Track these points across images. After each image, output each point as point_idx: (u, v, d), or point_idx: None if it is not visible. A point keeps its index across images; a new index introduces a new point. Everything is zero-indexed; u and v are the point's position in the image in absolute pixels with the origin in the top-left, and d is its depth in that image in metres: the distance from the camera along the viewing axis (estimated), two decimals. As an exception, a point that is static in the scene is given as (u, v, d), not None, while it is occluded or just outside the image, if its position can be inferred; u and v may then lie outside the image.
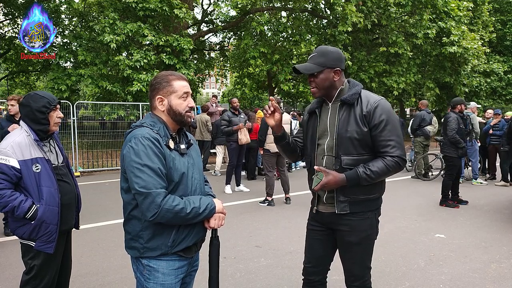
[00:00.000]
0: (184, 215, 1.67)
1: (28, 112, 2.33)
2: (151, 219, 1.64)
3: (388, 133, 1.98)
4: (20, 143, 2.27)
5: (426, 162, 9.19)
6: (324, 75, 2.04)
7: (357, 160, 2.00)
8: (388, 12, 13.36)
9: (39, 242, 2.29)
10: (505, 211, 6.07)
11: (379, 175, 1.97)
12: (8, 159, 2.22)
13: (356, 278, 2.17)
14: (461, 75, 15.49)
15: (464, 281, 3.52)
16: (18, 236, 2.33)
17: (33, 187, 2.28)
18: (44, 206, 2.27)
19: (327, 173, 1.97)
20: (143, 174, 1.63)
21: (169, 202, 1.64)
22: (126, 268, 3.68)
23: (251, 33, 14.16)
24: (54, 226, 2.32)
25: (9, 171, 2.22)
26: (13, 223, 2.32)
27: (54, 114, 2.40)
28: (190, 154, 1.87)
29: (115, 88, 11.44)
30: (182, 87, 1.82)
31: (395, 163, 1.97)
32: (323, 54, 2.05)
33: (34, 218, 2.25)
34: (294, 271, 3.64)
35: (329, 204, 2.11)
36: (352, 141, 2.00)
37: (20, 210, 2.21)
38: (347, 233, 2.09)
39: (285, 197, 6.52)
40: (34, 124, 2.33)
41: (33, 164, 2.28)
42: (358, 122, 2.00)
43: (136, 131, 1.73)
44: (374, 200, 2.12)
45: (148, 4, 10.88)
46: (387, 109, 2.01)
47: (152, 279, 1.76)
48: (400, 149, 1.99)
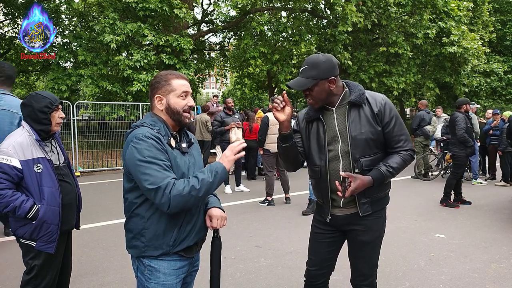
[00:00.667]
0: (197, 192, 1.63)
1: (30, 112, 2.33)
2: (168, 211, 1.63)
3: (398, 128, 2.05)
4: (22, 143, 2.27)
5: (426, 162, 9.19)
6: (319, 88, 1.98)
7: (373, 160, 2.02)
8: (388, 12, 13.36)
9: (40, 242, 2.30)
10: (505, 211, 6.07)
11: (399, 169, 2.04)
12: (10, 159, 2.22)
13: (365, 277, 2.17)
14: (461, 75, 15.49)
15: (464, 281, 3.52)
16: (19, 236, 2.33)
17: (35, 187, 2.29)
18: (45, 206, 2.28)
19: (354, 178, 1.93)
20: (150, 171, 1.62)
21: (175, 188, 1.61)
22: (126, 268, 3.69)
23: (251, 33, 14.15)
24: (55, 226, 2.32)
25: (11, 171, 2.22)
26: (14, 223, 2.32)
27: (56, 114, 2.41)
28: (191, 153, 1.87)
29: (115, 88, 11.44)
30: (181, 86, 1.81)
31: (410, 156, 2.08)
32: (314, 66, 1.97)
33: (35, 218, 2.25)
34: (294, 271, 3.64)
35: (346, 207, 2.09)
36: (368, 142, 2.00)
37: (21, 210, 2.22)
38: (362, 232, 2.10)
39: (285, 197, 6.52)
40: (36, 124, 2.34)
41: (35, 164, 2.28)
42: (371, 122, 2.00)
43: (136, 131, 1.73)
44: (387, 196, 2.19)
45: (148, 4, 10.87)
46: (392, 105, 2.09)
47: (153, 279, 1.76)
48: (410, 142, 2.09)
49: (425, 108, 9.12)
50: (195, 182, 1.64)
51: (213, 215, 1.86)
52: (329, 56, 2.03)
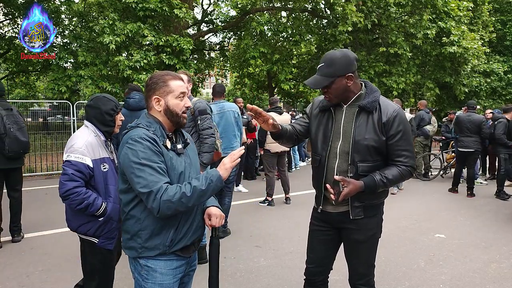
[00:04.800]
0: (188, 199, 1.62)
1: (97, 113, 2.46)
2: (158, 215, 1.63)
3: (403, 143, 2.02)
4: (92, 142, 2.39)
5: (426, 162, 9.19)
6: (336, 85, 1.99)
7: (372, 167, 2.02)
8: (388, 12, 13.34)
9: (102, 239, 2.42)
10: (505, 211, 6.07)
11: (393, 182, 2.03)
12: (84, 158, 2.34)
13: (361, 277, 2.17)
14: (461, 75, 15.46)
15: (464, 281, 3.52)
16: (82, 233, 2.42)
17: (101, 186, 2.41)
18: (112, 203, 2.41)
19: (348, 182, 1.93)
20: (143, 173, 1.62)
21: (166, 193, 1.60)
22: (126, 268, 3.66)
23: (251, 33, 14.13)
24: (117, 223, 2.44)
25: (85, 170, 2.33)
26: (75, 221, 2.41)
27: (118, 117, 2.57)
28: (187, 153, 1.86)
29: (115, 88, 11.43)
30: (178, 87, 1.80)
31: (408, 172, 2.05)
32: (331, 63, 1.97)
33: (104, 215, 2.37)
34: (294, 271, 3.64)
35: (339, 204, 2.10)
36: (369, 149, 2.00)
37: (94, 207, 2.32)
38: (355, 231, 2.10)
39: (285, 197, 6.52)
40: (102, 125, 2.48)
41: (102, 164, 2.41)
42: (376, 130, 1.99)
43: (132, 132, 1.72)
44: (383, 203, 2.19)
45: (148, 4, 10.86)
46: (404, 119, 2.04)
47: (150, 279, 1.76)
48: (412, 159, 2.06)
49: (424, 108, 9.12)
50: (187, 189, 1.62)
51: (212, 214, 1.86)
52: (346, 51, 2.02)
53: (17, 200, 4.59)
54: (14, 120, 4.38)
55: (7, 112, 4.35)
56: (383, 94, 2.13)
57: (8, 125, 4.29)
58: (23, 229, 4.69)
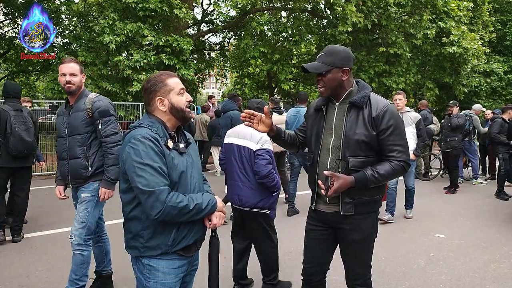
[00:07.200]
0: (187, 212, 1.68)
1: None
2: (156, 217, 1.64)
3: (395, 138, 2.01)
4: None
5: (426, 162, 9.19)
6: (332, 75, 2.03)
7: (364, 162, 2.02)
8: (388, 12, 13.34)
9: (272, 211, 3.17)
10: (505, 211, 6.07)
11: (385, 178, 2.01)
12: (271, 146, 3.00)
13: (357, 277, 2.18)
14: (461, 75, 15.46)
15: (464, 281, 3.52)
16: (259, 207, 3.09)
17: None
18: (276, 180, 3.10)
19: (338, 177, 1.94)
20: (145, 173, 1.63)
21: (173, 199, 1.64)
22: (126, 268, 3.67)
23: (251, 33, 14.13)
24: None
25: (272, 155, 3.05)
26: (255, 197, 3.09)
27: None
28: (189, 153, 1.88)
29: (115, 88, 11.43)
30: (177, 84, 1.84)
31: (401, 167, 2.03)
32: (332, 53, 2.04)
33: (279, 189, 3.13)
34: (294, 271, 3.63)
35: (332, 204, 2.11)
36: (360, 144, 2.00)
37: (279, 183, 3.13)
38: (350, 231, 2.10)
39: (285, 197, 6.52)
40: None
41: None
42: (366, 125, 2.00)
43: (134, 132, 1.73)
44: (377, 202, 2.16)
45: (148, 4, 10.86)
46: (395, 114, 2.04)
47: (152, 278, 1.77)
48: (406, 154, 2.04)
49: (425, 108, 9.11)
50: (190, 203, 1.69)
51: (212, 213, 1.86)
52: (348, 49, 2.11)
53: (23, 199, 4.64)
54: (23, 120, 4.52)
55: (16, 112, 4.49)
56: (383, 94, 2.15)
57: (14, 125, 4.41)
58: (23, 229, 4.69)
